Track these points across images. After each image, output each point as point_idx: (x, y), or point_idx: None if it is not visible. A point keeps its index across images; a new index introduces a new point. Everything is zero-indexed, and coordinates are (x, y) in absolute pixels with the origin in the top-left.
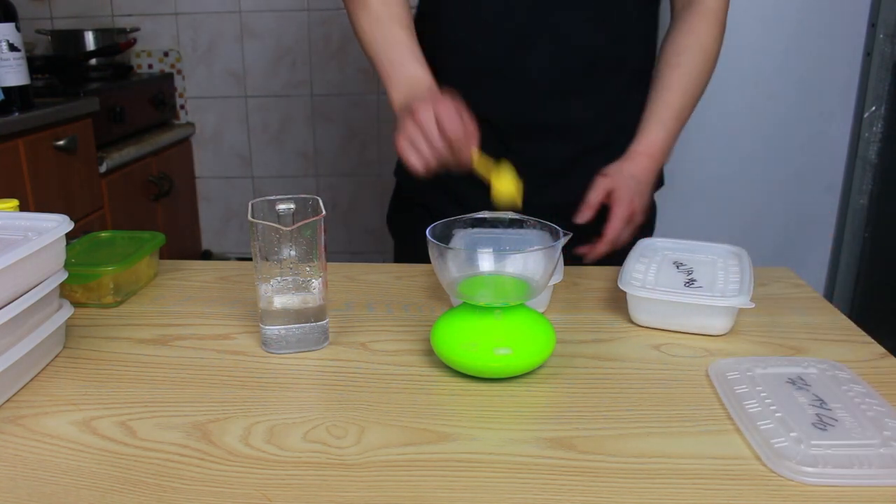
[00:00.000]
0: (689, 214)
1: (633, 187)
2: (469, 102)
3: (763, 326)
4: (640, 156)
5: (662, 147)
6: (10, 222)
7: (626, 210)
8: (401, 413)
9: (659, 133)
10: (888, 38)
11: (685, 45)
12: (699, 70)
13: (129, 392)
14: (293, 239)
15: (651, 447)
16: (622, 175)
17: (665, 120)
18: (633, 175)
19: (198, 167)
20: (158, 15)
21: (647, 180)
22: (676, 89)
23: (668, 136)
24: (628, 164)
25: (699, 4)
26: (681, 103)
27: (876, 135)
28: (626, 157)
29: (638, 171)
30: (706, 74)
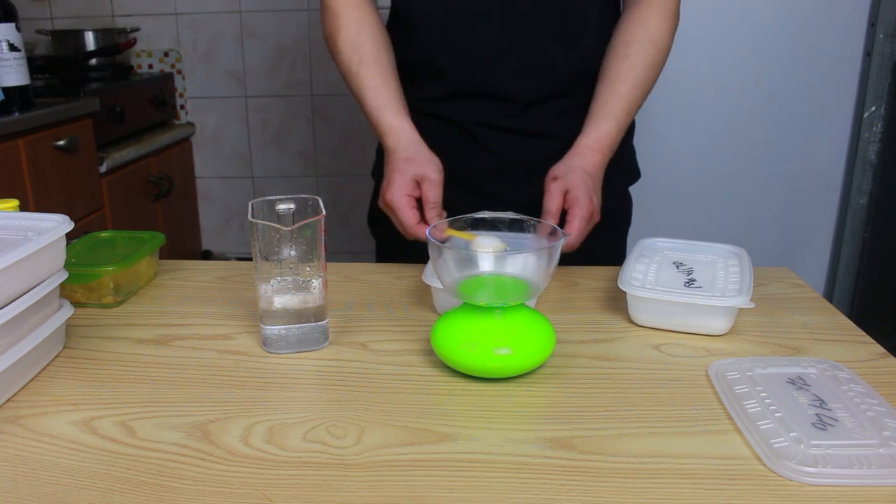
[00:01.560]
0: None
1: (589, 185)
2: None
3: (763, 326)
4: (589, 150)
5: (611, 142)
6: (10, 222)
7: (587, 210)
8: (401, 413)
9: (609, 127)
10: (888, 38)
11: (635, 37)
12: (649, 62)
13: (129, 392)
14: (293, 239)
15: (651, 447)
16: (575, 174)
17: (615, 113)
18: (586, 171)
19: (198, 167)
20: (158, 15)
21: (599, 175)
22: (626, 82)
23: (617, 130)
24: (578, 160)
25: None
26: (630, 96)
27: (876, 135)
28: (575, 153)
29: (589, 167)
30: (656, 67)
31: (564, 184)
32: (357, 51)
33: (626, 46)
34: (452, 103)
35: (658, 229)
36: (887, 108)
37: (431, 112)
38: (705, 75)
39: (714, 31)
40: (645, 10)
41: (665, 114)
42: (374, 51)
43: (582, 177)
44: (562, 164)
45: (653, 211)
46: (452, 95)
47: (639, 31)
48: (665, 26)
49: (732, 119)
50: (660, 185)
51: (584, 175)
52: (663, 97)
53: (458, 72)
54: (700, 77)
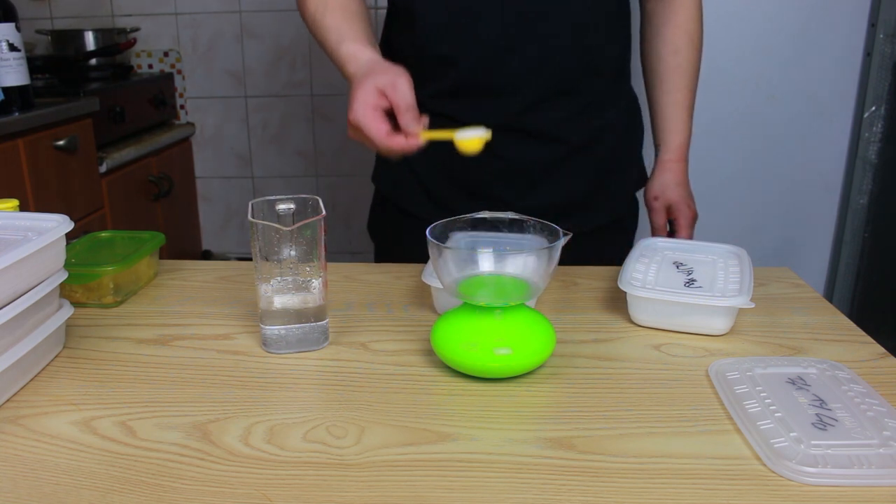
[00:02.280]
0: None
1: (684, 195)
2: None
3: (763, 326)
4: (673, 163)
5: (686, 148)
6: (10, 222)
7: (689, 217)
8: (401, 413)
9: (680, 137)
10: (888, 38)
11: (680, 44)
12: (695, 64)
13: (129, 392)
14: (293, 239)
15: (651, 447)
16: (671, 188)
17: (681, 123)
18: (679, 182)
19: (198, 167)
20: (158, 15)
21: (687, 181)
22: (682, 89)
23: (687, 137)
24: (668, 175)
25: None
26: (689, 101)
27: (876, 135)
28: (663, 169)
29: (679, 178)
30: (699, 63)
31: (665, 200)
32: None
33: (674, 55)
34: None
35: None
36: (887, 108)
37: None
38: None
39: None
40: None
41: None
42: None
43: (677, 190)
44: (656, 183)
45: None
46: (457, 92)
47: (682, 38)
48: (698, 21)
49: (732, 119)
50: None
51: (678, 188)
52: None
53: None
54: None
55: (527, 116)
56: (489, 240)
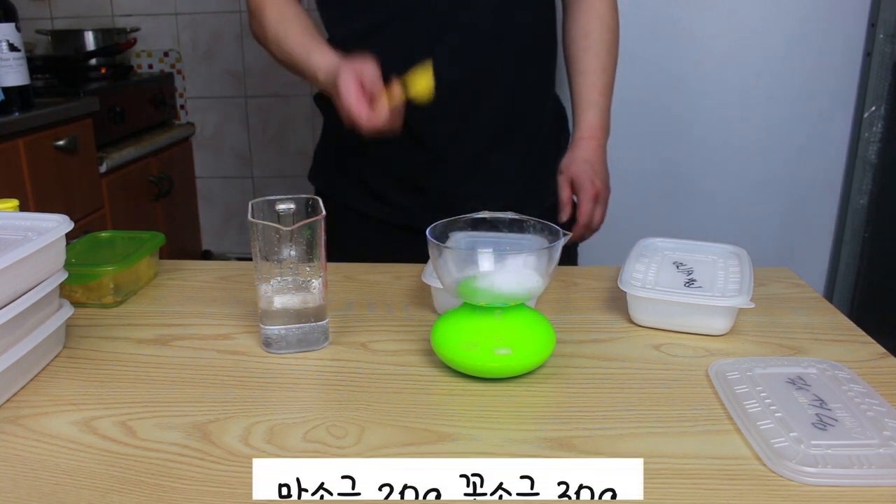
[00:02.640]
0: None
1: (588, 170)
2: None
3: (763, 326)
4: (583, 140)
5: (601, 125)
6: (10, 222)
7: (590, 191)
8: (401, 413)
9: (594, 114)
10: (888, 38)
11: (591, 27)
12: (608, 46)
13: (129, 392)
14: (293, 239)
15: (651, 447)
16: (575, 163)
17: (595, 101)
18: (585, 159)
19: (198, 167)
20: (158, 15)
21: (599, 158)
22: (595, 69)
23: (603, 115)
24: (576, 151)
25: None
26: (603, 81)
27: (876, 135)
28: (572, 146)
29: (588, 154)
30: (615, 48)
31: (568, 175)
32: (282, 23)
33: (585, 38)
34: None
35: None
36: (887, 108)
37: None
38: (705, 75)
39: (714, 31)
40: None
41: (665, 113)
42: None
43: (581, 165)
44: (564, 159)
45: (653, 211)
46: None
47: (593, 21)
48: (612, 8)
49: (732, 119)
50: (659, 184)
51: (583, 164)
52: (663, 97)
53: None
54: (700, 77)
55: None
56: (489, 240)
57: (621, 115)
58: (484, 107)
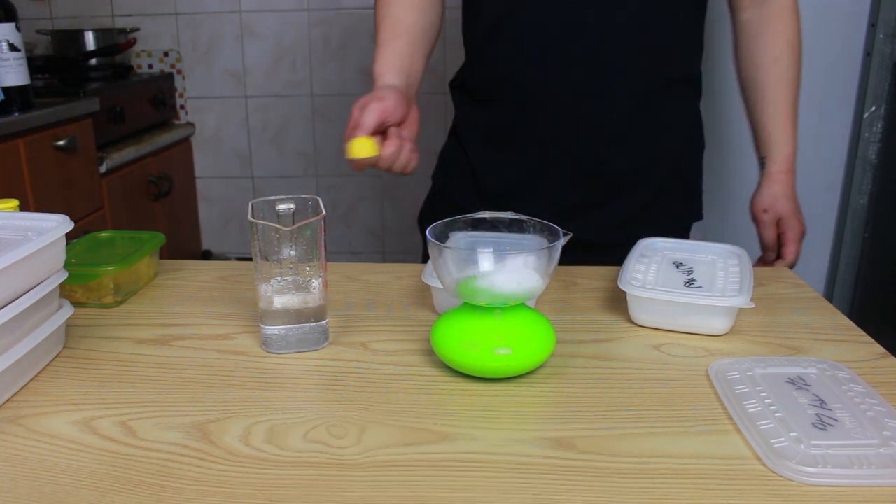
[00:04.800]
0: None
1: (795, 207)
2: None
3: (763, 326)
4: (782, 174)
5: (793, 159)
6: (10, 222)
7: (798, 231)
8: (401, 413)
9: (788, 148)
10: (888, 38)
11: (781, 52)
12: (796, 72)
13: (129, 392)
14: (293, 239)
15: (651, 447)
16: (780, 201)
17: (788, 133)
18: (788, 196)
19: (198, 167)
20: (158, 15)
21: (795, 194)
22: (785, 98)
23: (794, 148)
24: (777, 187)
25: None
26: (792, 111)
27: (876, 135)
28: (771, 181)
29: (789, 190)
30: (800, 71)
31: (775, 213)
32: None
33: (774, 64)
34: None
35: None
36: (887, 108)
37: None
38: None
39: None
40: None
41: None
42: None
43: (787, 204)
44: (765, 195)
45: None
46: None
47: (782, 45)
48: (798, 32)
49: (732, 119)
50: None
51: (788, 201)
52: None
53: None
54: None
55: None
56: (489, 240)
57: None
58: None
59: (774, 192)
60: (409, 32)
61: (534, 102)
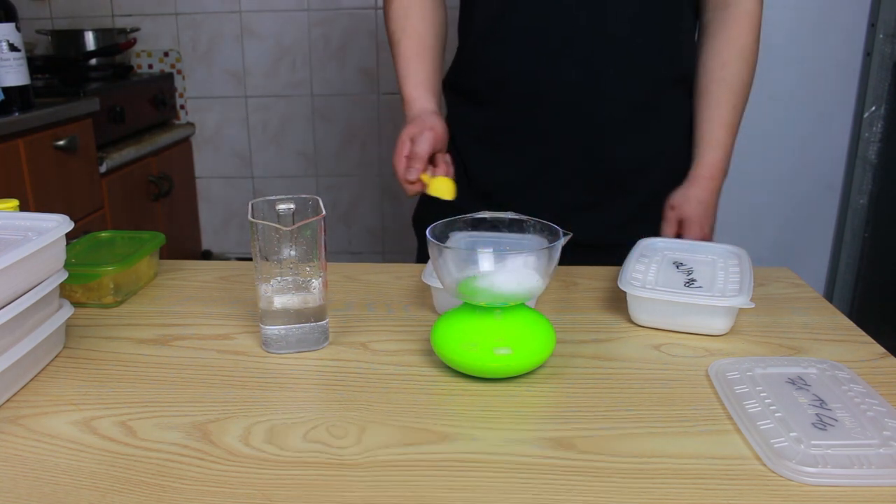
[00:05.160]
0: None
1: (701, 212)
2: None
3: (763, 326)
4: (703, 179)
5: (722, 167)
6: (10, 222)
7: (697, 235)
8: (401, 413)
9: (717, 153)
10: (888, 38)
11: (730, 58)
12: (744, 82)
13: (129, 392)
14: (293, 239)
15: (651, 447)
16: (689, 203)
17: (723, 140)
18: (701, 200)
19: (198, 167)
20: (158, 15)
21: (713, 201)
22: (725, 105)
23: (725, 155)
24: (694, 189)
25: (735, 7)
26: (731, 119)
27: (876, 135)
28: (690, 183)
29: (703, 195)
30: (749, 84)
31: (679, 213)
32: (402, 21)
33: (721, 69)
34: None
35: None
36: (887, 108)
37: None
38: None
39: None
40: (733, 24)
41: None
42: (419, 23)
43: (696, 207)
44: (678, 194)
45: None
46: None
47: (732, 52)
48: (753, 40)
49: None
50: None
51: (697, 205)
52: None
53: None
54: None
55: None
56: (489, 240)
57: None
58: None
59: (688, 193)
60: (433, 48)
61: (529, 103)
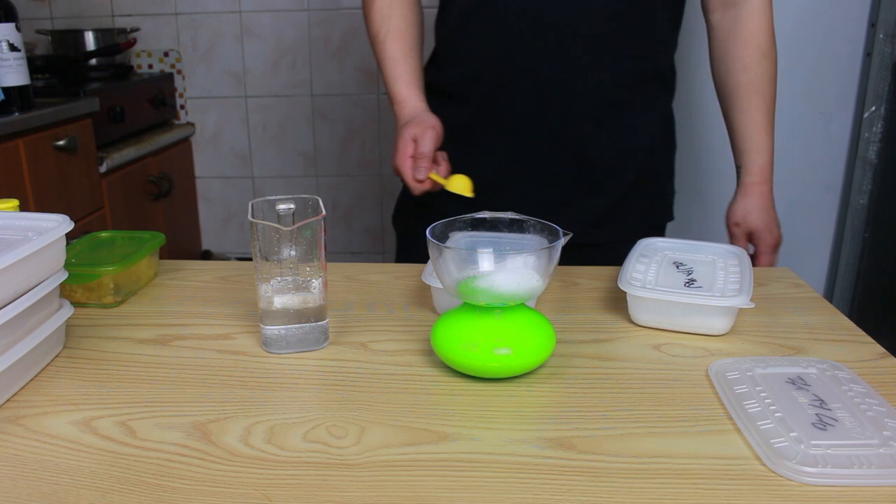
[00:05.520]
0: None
1: (768, 220)
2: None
3: (763, 326)
4: (756, 186)
5: (770, 169)
6: (10, 222)
7: (771, 243)
8: (401, 413)
9: (762, 158)
10: (888, 38)
11: (752, 59)
12: (770, 80)
13: (129, 392)
14: (293, 239)
15: (651, 447)
16: (752, 214)
17: (764, 143)
18: (762, 208)
19: (198, 167)
20: (158, 15)
21: (771, 204)
22: (757, 107)
23: (770, 158)
24: (751, 199)
25: (744, 5)
26: (766, 119)
27: (876, 135)
28: (745, 193)
29: (763, 202)
30: (775, 79)
31: (747, 227)
32: (386, 21)
33: (744, 72)
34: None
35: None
36: (887, 108)
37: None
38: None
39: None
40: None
41: None
42: (401, 22)
43: (760, 216)
44: (738, 208)
45: None
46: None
47: (752, 53)
48: (770, 35)
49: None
50: None
51: (761, 213)
52: None
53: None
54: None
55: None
56: (489, 240)
57: None
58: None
59: (747, 205)
60: (417, 48)
61: (501, 98)
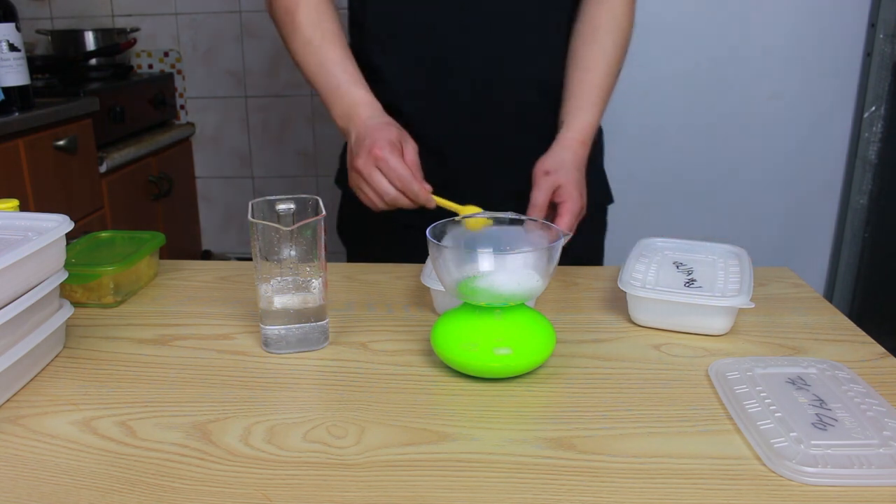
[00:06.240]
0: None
1: (580, 181)
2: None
3: (763, 326)
4: (576, 143)
5: (593, 132)
6: (10, 222)
7: (577, 206)
8: (401, 413)
9: (591, 117)
10: (888, 38)
11: (601, 21)
12: (617, 45)
13: (129, 392)
14: (293, 239)
15: (651, 447)
16: (566, 168)
17: (594, 102)
18: (578, 167)
19: (198, 167)
20: (158, 15)
21: (584, 167)
22: (599, 68)
23: (595, 120)
24: (568, 153)
25: None
26: (604, 83)
27: (876, 135)
28: (562, 146)
29: (579, 162)
30: (623, 49)
31: (556, 179)
32: (318, 26)
33: (593, 32)
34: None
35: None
36: (887, 108)
37: None
38: (706, 75)
39: (715, 31)
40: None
41: (666, 113)
42: (334, 26)
43: (572, 174)
44: (551, 158)
45: (653, 210)
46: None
47: (603, 15)
48: (628, 9)
49: (733, 118)
50: (660, 184)
51: (573, 171)
52: (664, 97)
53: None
54: (701, 76)
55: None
56: (489, 240)
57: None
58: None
59: (564, 157)
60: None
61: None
